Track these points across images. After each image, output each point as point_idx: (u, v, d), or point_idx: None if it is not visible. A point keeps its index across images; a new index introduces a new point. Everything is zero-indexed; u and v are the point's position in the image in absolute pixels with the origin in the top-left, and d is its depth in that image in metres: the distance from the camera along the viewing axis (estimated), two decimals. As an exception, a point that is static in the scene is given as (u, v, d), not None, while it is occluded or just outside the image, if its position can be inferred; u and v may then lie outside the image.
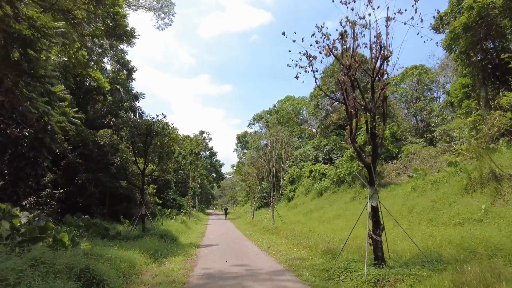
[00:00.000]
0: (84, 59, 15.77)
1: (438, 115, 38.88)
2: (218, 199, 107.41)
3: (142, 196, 16.33)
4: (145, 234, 15.39)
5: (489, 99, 21.28)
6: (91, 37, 18.67)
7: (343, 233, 14.74)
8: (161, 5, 36.69)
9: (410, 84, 46.08)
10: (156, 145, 16.50)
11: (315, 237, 13.95)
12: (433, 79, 44.51)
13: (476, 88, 21.69)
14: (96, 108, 26.48)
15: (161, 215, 28.03)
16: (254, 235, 19.02)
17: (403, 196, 18.48)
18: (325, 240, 12.74)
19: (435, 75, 44.91)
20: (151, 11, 36.96)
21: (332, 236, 13.68)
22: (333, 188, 28.68)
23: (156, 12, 37.19)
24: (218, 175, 61.68)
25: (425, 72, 43.98)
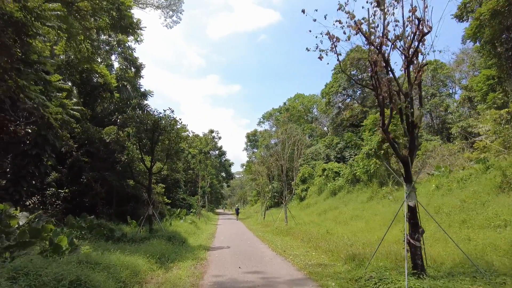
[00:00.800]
0: (87, 52, 14.86)
1: (455, 112, 37.25)
2: (227, 199, 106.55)
3: (149, 195, 15.37)
4: (152, 235, 14.42)
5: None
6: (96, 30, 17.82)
7: (364, 235, 13.58)
8: (169, 3, 35.83)
9: (424, 80, 44.36)
10: (164, 142, 15.52)
11: (335, 240, 12.80)
12: (448, 74, 42.75)
13: (503, 80, 20.21)
14: (104, 106, 25.72)
15: (170, 215, 27.13)
16: (267, 236, 17.93)
17: (425, 195, 17.17)
18: (346, 244, 11.58)
19: (450, 70, 43.16)
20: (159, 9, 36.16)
21: (354, 239, 12.50)
22: (347, 187, 27.40)
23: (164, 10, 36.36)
24: (228, 174, 60.69)
25: (440, 67, 42.24)
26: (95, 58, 16.59)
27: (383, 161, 22.14)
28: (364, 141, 26.30)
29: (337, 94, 43.74)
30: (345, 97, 45.45)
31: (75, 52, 15.38)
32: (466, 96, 36.19)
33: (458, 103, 37.06)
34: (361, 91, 43.42)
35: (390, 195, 19.72)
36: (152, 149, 15.27)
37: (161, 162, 19.93)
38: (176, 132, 15.34)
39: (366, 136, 23.80)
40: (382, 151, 21.63)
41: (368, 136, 23.35)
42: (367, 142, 23.18)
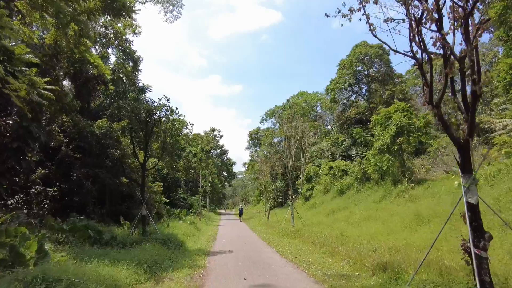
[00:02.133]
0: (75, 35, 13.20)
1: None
2: (229, 199, 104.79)
3: (142, 193, 13.70)
4: (145, 238, 12.76)
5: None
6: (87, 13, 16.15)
7: (384, 238, 11.86)
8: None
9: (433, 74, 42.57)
10: (159, 134, 13.85)
11: (352, 244, 11.08)
12: (458, 69, 40.90)
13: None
14: (99, 99, 24.07)
15: (169, 215, 25.45)
16: (273, 239, 16.21)
17: (448, 193, 15.44)
18: (368, 249, 9.86)
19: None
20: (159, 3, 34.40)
21: (374, 243, 10.78)
22: (356, 186, 25.67)
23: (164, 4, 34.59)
24: (230, 173, 58.93)
25: (449, 62, 40.40)
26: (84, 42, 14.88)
27: (397, 157, 20.41)
28: (374, 137, 24.56)
29: (342, 91, 41.98)
30: (350, 94, 43.70)
31: (60, 35, 13.73)
32: (478, 91, 34.20)
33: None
34: (367, 87, 41.68)
35: (406, 193, 17.96)
36: (146, 142, 13.58)
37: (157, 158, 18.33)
38: (172, 123, 13.63)
39: (377, 131, 22.07)
40: (396, 146, 19.88)
41: (380, 130, 21.61)
42: (379, 137, 21.44)
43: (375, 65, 41.17)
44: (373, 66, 41.19)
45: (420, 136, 20.63)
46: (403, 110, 20.55)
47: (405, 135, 19.62)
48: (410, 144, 19.94)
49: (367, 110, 40.02)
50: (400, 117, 19.97)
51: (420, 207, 14.23)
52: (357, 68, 40.53)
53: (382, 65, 40.36)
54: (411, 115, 20.39)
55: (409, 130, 19.73)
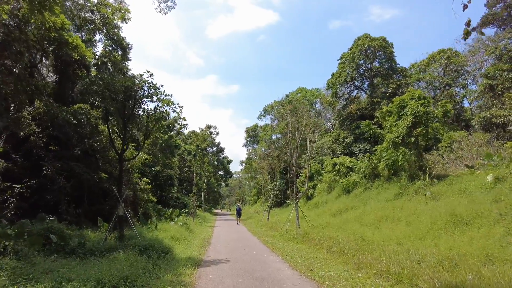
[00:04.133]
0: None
1: (473, 102, 33.33)
2: (226, 199, 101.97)
3: (119, 190, 11.12)
4: (122, 244, 10.19)
5: None
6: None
7: (418, 244, 9.39)
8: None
9: (437, 70, 40.36)
10: (140, 116, 11.31)
11: (381, 252, 8.59)
12: (463, 64, 38.74)
13: None
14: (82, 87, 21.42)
15: (160, 215, 22.87)
16: (277, 243, 13.68)
17: (481, 190, 13.05)
18: (407, 259, 7.37)
19: (465, 60, 39.14)
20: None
21: (412, 250, 8.28)
22: (364, 183, 23.22)
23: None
24: (226, 172, 56.19)
25: (454, 56, 38.21)
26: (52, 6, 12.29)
27: (413, 150, 17.99)
28: (384, 129, 22.15)
29: (343, 85, 39.56)
30: (351, 89, 41.33)
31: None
32: (488, 84, 32.27)
33: (478, 93, 32.98)
34: (369, 82, 39.32)
35: (427, 190, 15.53)
36: (124, 127, 11.01)
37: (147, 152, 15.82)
38: (157, 104, 11.08)
39: (390, 122, 19.64)
40: (413, 138, 17.46)
41: (393, 121, 19.18)
42: (392, 128, 19.01)
43: (378, 59, 38.87)
44: (376, 59, 38.86)
45: (439, 127, 18.27)
46: (419, 98, 18.15)
47: (423, 125, 17.21)
48: (428, 135, 17.54)
49: (370, 105, 37.66)
50: (417, 105, 17.57)
51: (453, 206, 11.79)
52: (359, 62, 38.15)
53: (385, 58, 38.03)
54: (429, 104, 18.00)
55: (428, 119, 17.33)
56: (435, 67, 40.01)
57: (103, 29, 26.04)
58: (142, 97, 10.93)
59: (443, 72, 39.97)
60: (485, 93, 32.26)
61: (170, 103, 11.06)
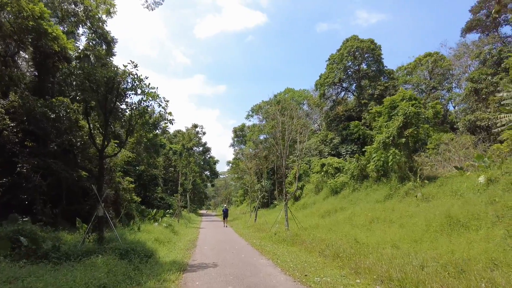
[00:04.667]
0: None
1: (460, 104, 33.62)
2: (211, 199, 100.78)
3: (99, 189, 10.30)
4: (101, 248, 9.39)
5: None
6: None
7: (415, 247, 9.02)
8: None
9: (423, 73, 40.73)
10: (123, 110, 10.54)
11: (378, 256, 8.13)
12: (449, 68, 39.21)
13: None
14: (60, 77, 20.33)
15: (143, 216, 21.96)
16: (266, 246, 13.08)
17: (473, 191, 12.83)
18: (408, 264, 6.91)
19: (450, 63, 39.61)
20: (139, -12, 30.85)
21: (412, 254, 7.83)
22: (353, 184, 22.91)
23: (144, -13, 31.09)
24: (212, 172, 55.20)
25: (440, 60, 38.62)
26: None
27: (404, 151, 17.76)
28: (373, 130, 21.89)
29: (331, 86, 39.40)
30: (339, 90, 41.22)
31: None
32: (473, 87, 32.70)
33: (463, 96, 33.36)
34: (357, 83, 39.28)
35: (418, 191, 15.27)
36: (105, 122, 10.21)
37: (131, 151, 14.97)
38: (141, 97, 10.32)
39: (380, 123, 19.37)
40: (404, 139, 17.22)
41: (384, 121, 18.92)
42: (382, 129, 18.74)
43: (365, 61, 38.89)
44: (364, 61, 38.87)
45: (429, 128, 18.10)
46: (410, 99, 17.93)
47: (414, 125, 16.98)
48: (419, 136, 17.33)
49: (357, 106, 37.63)
50: (408, 105, 17.34)
51: (446, 208, 11.49)
52: (347, 64, 38.04)
53: (373, 60, 38.07)
54: (420, 104, 17.80)
55: (418, 120, 17.12)
56: (422, 70, 40.37)
57: (86, 22, 24.91)
58: (125, 90, 10.17)
59: (429, 75, 40.37)
60: (470, 97, 32.65)
61: (155, 96, 10.34)
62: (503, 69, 33.14)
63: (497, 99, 28.64)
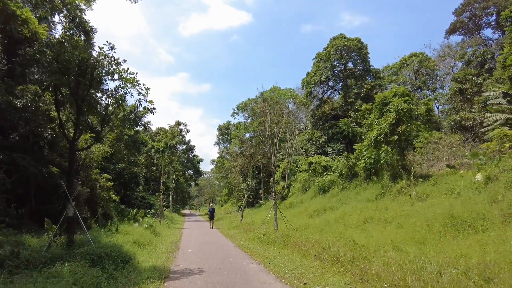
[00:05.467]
0: None
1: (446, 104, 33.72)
2: (195, 199, 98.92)
3: (69, 185, 9.08)
4: (70, 253, 8.17)
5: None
6: None
7: (421, 250, 8.23)
8: (133, -30, 29.09)
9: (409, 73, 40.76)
10: (98, 97, 9.34)
11: (385, 260, 7.29)
12: (434, 68, 39.37)
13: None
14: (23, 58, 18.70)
15: (123, 216, 20.60)
16: (256, 248, 12.09)
17: (471, 190, 12.25)
18: (423, 269, 6.09)
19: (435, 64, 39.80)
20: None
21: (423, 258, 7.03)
22: (341, 183, 22.24)
23: (127, -21, 29.54)
24: (196, 171, 53.73)
25: (426, 60, 38.71)
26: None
27: (396, 148, 17.16)
28: (363, 128, 21.31)
29: (318, 85, 38.84)
30: (325, 89, 40.73)
31: None
32: (458, 88, 32.83)
33: (449, 96, 33.43)
34: (343, 82, 38.85)
35: (413, 190, 14.65)
36: (77, 110, 8.99)
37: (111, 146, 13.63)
38: (119, 84, 9.16)
39: (371, 120, 18.75)
40: (396, 136, 16.61)
41: (376, 118, 18.30)
42: (374, 126, 18.11)
43: (352, 60, 38.53)
44: (351, 60, 38.50)
45: (420, 126, 17.59)
46: (403, 95, 17.36)
47: (406, 122, 16.40)
48: (412, 133, 16.78)
49: (344, 105, 37.21)
50: (400, 102, 16.75)
51: (445, 208, 10.84)
52: (334, 62, 37.56)
53: (359, 59, 37.73)
54: (412, 101, 17.26)
55: (411, 117, 16.55)
56: (407, 70, 40.38)
57: (63, 10, 23.25)
58: (101, 74, 8.97)
59: (415, 76, 40.45)
60: (455, 97, 32.73)
61: (133, 82, 9.18)
62: (486, 70, 33.47)
63: (482, 99, 28.77)
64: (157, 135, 47.07)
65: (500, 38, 37.93)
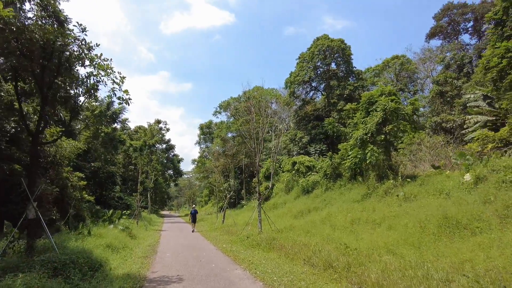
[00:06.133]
0: None
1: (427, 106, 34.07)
2: (174, 200, 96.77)
3: (31, 184, 7.99)
4: (29, 261, 7.12)
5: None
6: None
7: (418, 254, 7.70)
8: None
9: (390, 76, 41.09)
10: (66, 85, 8.31)
11: (383, 266, 6.69)
12: (415, 71, 39.86)
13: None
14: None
15: (98, 217, 19.32)
16: (239, 252, 11.28)
17: (461, 190, 11.93)
18: (429, 276, 5.50)
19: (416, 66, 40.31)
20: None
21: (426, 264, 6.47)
22: (326, 183, 21.76)
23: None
24: (176, 171, 52.14)
25: (407, 63, 39.11)
26: None
27: (382, 148, 16.80)
28: (347, 127, 20.93)
29: (301, 85, 38.47)
30: (308, 90, 40.43)
31: None
32: (438, 90, 33.28)
33: (430, 98, 33.82)
34: (326, 83, 38.65)
35: (400, 191, 14.27)
36: (42, 99, 7.93)
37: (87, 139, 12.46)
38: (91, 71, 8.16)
39: (357, 119, 18.34)
40: (383, 135, 16.25)
41: (361, 118, 17.90)
42: (360, 125, 17.70)
43: (335, 61, 38.39)
44: (334, 61, 38.33)
45: (407, 125, 17.30)
46: (390, 94, 17.04)
47: (394, 122, 16.06)
48: (399, 133, 16.47)
49: (327, 106, 37.01)
50: (387, 101, 16.40)
51: (433, 208, 10.45)
52: (317, 64, 37.29)
53: (342, 60, 37.62)
54: (399, 100, 16.96)
55: (398, 116, 16.23)
56: (389, 73, 40.69)
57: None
58: (70, 59, 7.96)
59: (396, 78, 40.80)
60: (436, 99, 33.13)
61: (107, 69, 8.21)
62: (465, 74, 34.09)
63: (462, 102, 29.17)
64: (135, 133, 45.37)
65: (477, 43, 38.84)
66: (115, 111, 27.30)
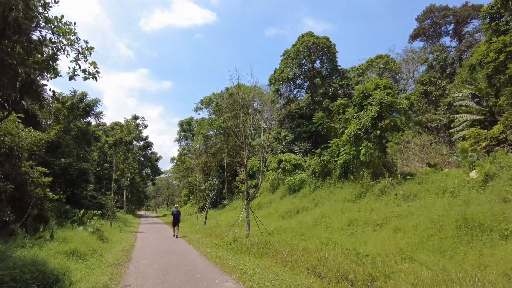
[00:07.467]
0: None
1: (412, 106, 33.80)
2: (152, 199, 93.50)
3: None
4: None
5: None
6: None
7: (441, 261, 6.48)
8: None
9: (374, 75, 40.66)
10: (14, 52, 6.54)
11: (414, 280, 5.39)
12: (398, 71, 39.67)
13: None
14: None
15: (66, 218, 17.27)
16: (227, 259, 9.72)
17: (468, 188, 10.96)
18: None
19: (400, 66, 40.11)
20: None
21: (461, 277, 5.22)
22: (314, 182, 20.57)
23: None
24: (154, 170, 49.58)
25: (391, 63, 38.82)
26: None
27: (377, 144, 15.75)
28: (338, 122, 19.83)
29: (285, 83, 37.35)
30: (293, 87, 39.39)
31: None
32: (423, 90, 33.05)
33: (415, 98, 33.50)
34: (310, 81, 37.70)
35: (400, 189, 13.20)
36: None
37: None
38: (50, 35, 6.46)
39: (350, 114, 17.24)
40: (378, 130, 15.18)
41: (355, 112, 16.79)
42: (353, 120, 16.59)
43: (319, 59, 37.53)
44: (318, 59, 37.47)
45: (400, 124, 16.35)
46: (385, 87, 16.02)
47: (390, 116, 15.03)
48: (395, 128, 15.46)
49: (311, 104, 36.07)
50: (383, 94, 15.36)
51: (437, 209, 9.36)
52: (301, 61, 36.27)
53: (327, 58, 36.80)
54: (395, 94, 15.98)
55: (394, 110, 15.22)
56: (373, 72, 40.26)
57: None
58: (21, 19, 6.21)
59: (380, 78, 40.45)
60: (420, 99, 32.83)
61: (70, 34, 6.51)
62: (447, 75, 34.03)
63: (447, 101, 28.86)
64: (111, 130, 42.73)
65: (457, 46, 39.07)
66: (89, 103, 25.01)
